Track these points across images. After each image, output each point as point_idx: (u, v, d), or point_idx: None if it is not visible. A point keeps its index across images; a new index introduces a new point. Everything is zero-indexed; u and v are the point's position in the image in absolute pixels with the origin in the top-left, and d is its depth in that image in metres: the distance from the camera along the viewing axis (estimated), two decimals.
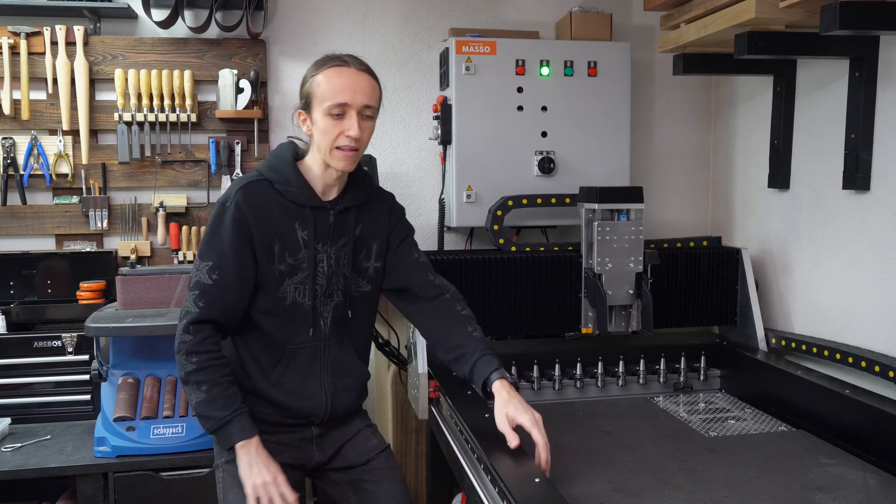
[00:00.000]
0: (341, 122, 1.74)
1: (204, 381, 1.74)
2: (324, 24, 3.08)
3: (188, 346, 1.74)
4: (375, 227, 1.93)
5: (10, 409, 2.65)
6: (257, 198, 1.77)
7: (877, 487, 1.75)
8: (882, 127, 2.21)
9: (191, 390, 1.75)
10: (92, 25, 2.91)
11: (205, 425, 1.77)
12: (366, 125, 1.77)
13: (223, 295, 1.76)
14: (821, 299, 2.50)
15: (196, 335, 1.74)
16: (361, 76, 1.76)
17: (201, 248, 1.78)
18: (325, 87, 1.74)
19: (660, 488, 1.73)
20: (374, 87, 1.79)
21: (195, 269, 1.77)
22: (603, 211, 2.43)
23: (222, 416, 1.73)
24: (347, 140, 1.74)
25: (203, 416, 1.75)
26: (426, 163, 3.16)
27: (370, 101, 1.76)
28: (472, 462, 1.79)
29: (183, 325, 1.75)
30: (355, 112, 1.74)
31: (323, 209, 1.83)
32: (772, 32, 2.17)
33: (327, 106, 1.73)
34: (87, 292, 2.79)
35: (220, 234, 1.76)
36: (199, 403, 1.74)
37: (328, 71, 1.75)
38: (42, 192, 2.94)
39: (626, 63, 2.92)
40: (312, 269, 1.82)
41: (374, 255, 1.92)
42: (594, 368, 2.51)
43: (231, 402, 1.75)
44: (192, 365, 1.73)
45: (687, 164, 3.31)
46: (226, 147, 2.97)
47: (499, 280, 2.54)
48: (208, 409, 1.74)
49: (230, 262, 1.76)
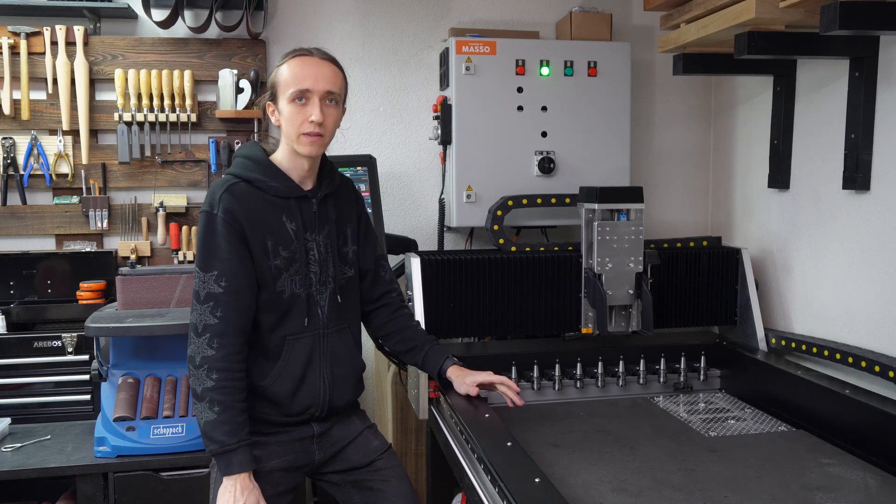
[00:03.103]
0: (304, 108, 1.77)
1: (218, 402, 1.71)
2: (324, 24, 3.08)
3: (211, 360, 1.71)
4: (347, 212, 1.97)
5: (10, 409, 2.64)
6: (242, 198, 1.78)
7: (877, 487, 1.75)
8: (882, 127, 2.21)
9: (202, 407, 1.72)
10: (92, 25, 2.91)
11: (207, 445, 1.74)
12: (329, 111, 1.80)
13: (237, 298, 1.75)
14: (821, 299, 2.50)
15: (220, 350, 1.72)
16: (323, 64, 1.80)
17: (200, 259, 1.76)
18: (287, 76, 1.78)
19: (660, 488, 1.73)
20: (336, 73, 1.82)
21: (200, 282, 1.75)
22: (603, 211, 2.43)
23: (228, 443, 1.71)
24: (311, 126, 1.77)
25: (208, 436, 1.73)
26: (426, 163, 3.16)
27: (332, 87, 1.79)
28: (472, 462, 1.79)
29: (206, 339, 1.72)
30: (318, 98, 1.77)
31: (306, 199, 1.86)
32: (772, 32, 2.17)
33: (290, 93, 1.77)
34: (87, 292, 2.79)
35: (216, 241, 1.75)
36: (208, 423, 1.72)
37: (291, 61, 1.80)
38: (42, 192, 2.94)
39: (626, 63, 2.92)
40: (304, 259, 1.84)
41: (350, 239, 1.96)
42: (594, 368, 2.51)
43: (239, 430, 1.73)
44: (211, 381, 1.71)
45: (687, 165, 3.31)
46: (226, 147, 2.97)
47: (499, 280, 2.54)
48: (216, 431, 1.71)
49: (234, 266, 1.75)
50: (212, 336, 1.73)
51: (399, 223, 3.15)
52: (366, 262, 2.02)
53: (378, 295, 2.07)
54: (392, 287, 2.09)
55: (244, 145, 1.93)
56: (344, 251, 1.94)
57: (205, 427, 1.73)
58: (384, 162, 3.09)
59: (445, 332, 2.49)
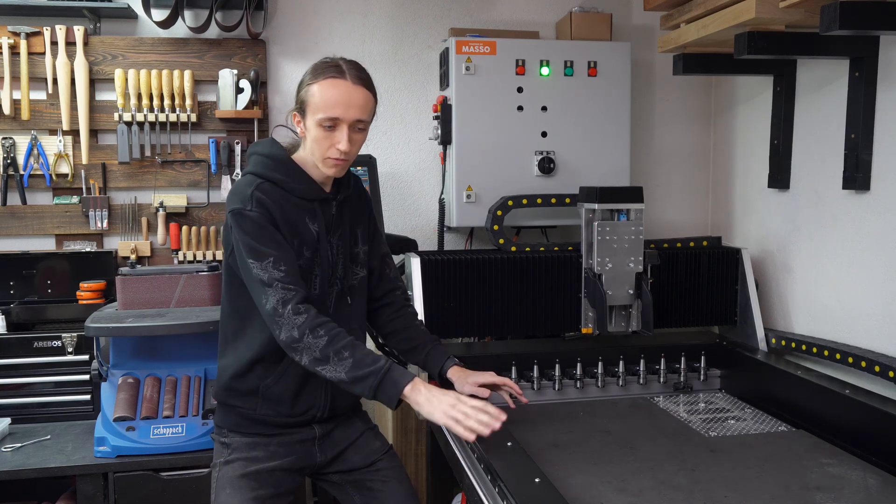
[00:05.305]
0: (332, 134, 1.75)
1: (344, 348, 1.68)
2: (324, 24, 3.08)
3: (308, 323, 1.68)
4: (359, 213, 1.97)
5: (10, 409, 2.64)
6: (272, 196, 1.77)
7: (877, 487, 1.75)
8: (882, 127, 2.21)
9: (333, 365, 1.67)
10: (92, 25, 2.91)
11: (363, 390, 1.68)
12: (356, 138, 1.79)
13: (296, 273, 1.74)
14: (821, 299, 2.50)
15: (308, 312, 1.69)
16: (356, 90, 1.76)
17: (251, 252, 1.72)
18: (318, 99, 1.74)
19: (660, 488, 1.73)
20: (368, 100, 1.79)
21: (259, 270, 1.70)
22: (603, 211, 2.43)
23: (380, 367, 1.68)
24: (338, 153, 1.76)
25: (358, 380, 1.67)
26: (426, 163, 3.16)
27: (362, 116, 1.77)
28: (472, 462, 1.79)
29: (290, 311, 1.68)
30: (346, 126, 1.75)
31: (327, 201, 1.86)
32: (772, 32, 2.17)
33: (319, 118, 1.74)
34: (87, 292, 2.79)
35: (260, 232, 1.73)
36: (350, 370, 1.67)
37: (324, 82, 1.75)
38: (42, 192, 2.94)
39: (626, 63, 2.92)
40: (327, 260, 1.85)
41: (361, 239, 1.96)
42: (594, 368, 2.51)
43: (378, 356, 1.70)
44: (322, 339, 1.67)
45: (687, 164, 3.31)
46: (226, 147, 2.97)
47: (499, 280, 2.54)
48: (361, 369, 1.67)
49: (286, 248, 1.75)
50: (294, 306, 1.69)
51: (399, 223, 3.15)
52: (373, 260, 2.02)
53: (383, 293, 2.06)
54: (397, 285, 2.09)
55: (260, 142, 1.90)
56: (355, 252, 1.94)
57: (348, 376, 1.67)
58: (384, 162, 3.09)
59: (445, 332, 2.49)
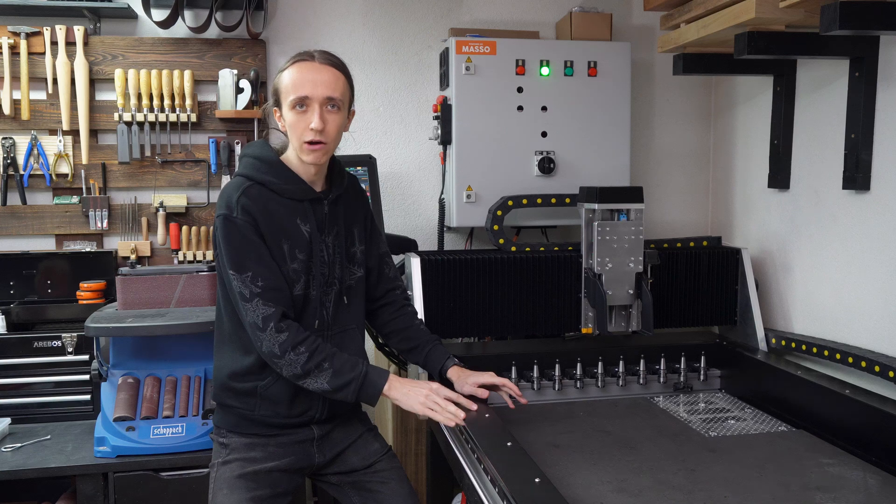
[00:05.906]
0: (305, 115, 1.76)
1: (324, 360, 1.75)
2: (324, 24, 3.08)
3: (289, 341, 1.73)
4: (355, 212, 1.97)
5: (10, 409, 2.64)
6: (259, 201, 1.77)
7: (877, 487, 1.75)
8: (882, 127, 2.21)
9: (315, 377, 1.75)
10: (92, 25, 2.91)
11: (346, 395, 1.77)
12: (330, 117, 1.77)
13: (278, 288, 1.77)
14: (821, 299, 2.50)
15: (289, 330, 1.74)
16: (324, 69, 1.77)
17: (231, 262, 1.74)
18: (287, 82, 1.76)
19: (660, 488, 1.73)
20: (337, 78, 1.78)
21: (239, 283, 1.73)
22: (603, 211, 2.43)
23: (358, 372, 1.78)
24: (312, 133, 1.75)
25: (340, 388, 1.76)
26: (426, 163, 3.16)
27: (332, 93, 1.76)
28: (472, 462, 1.79)
29: (272, 329, 1.72)
30: (318, 104, 1.75)
31: (318, 201, 1.86)
32: (772, 32, 2.17)
33: (290, 100, 1.75)
34: (87, 292, 2.79)
35: (243, 243, 1.74)
36: (331, 380, 1.75)
37: (291, 67, 1.78)
38: (42, 192, 2.94)
39: (626, 63, 2.92)
40: (321, 261, 1.84)
41: (358, 239, 1.96)
42: (594, 368, 2.51)
43: (355, 361, 1.80)
44: (303, 355, 1.73)
45: (687, 164, 3.31)
46: (226, 147, 2.97)
47: (499, 280, 2.54)
48: (342, 377, 1.76)
49: (268, 262, 1.76)
50: (274, 323, 1.73)
51: (399, 223, 3.15)
52: (371, 259, 2.01)
53: (382, 292, 2.06)
54: (396, 284, 2.09)
55: (252, 144, 1.91)
56: (352, 251, 1.94)
57: (331, 384, 1.76)
58: (384, 162, 3.09)
59: (445, 332, 2.49)
